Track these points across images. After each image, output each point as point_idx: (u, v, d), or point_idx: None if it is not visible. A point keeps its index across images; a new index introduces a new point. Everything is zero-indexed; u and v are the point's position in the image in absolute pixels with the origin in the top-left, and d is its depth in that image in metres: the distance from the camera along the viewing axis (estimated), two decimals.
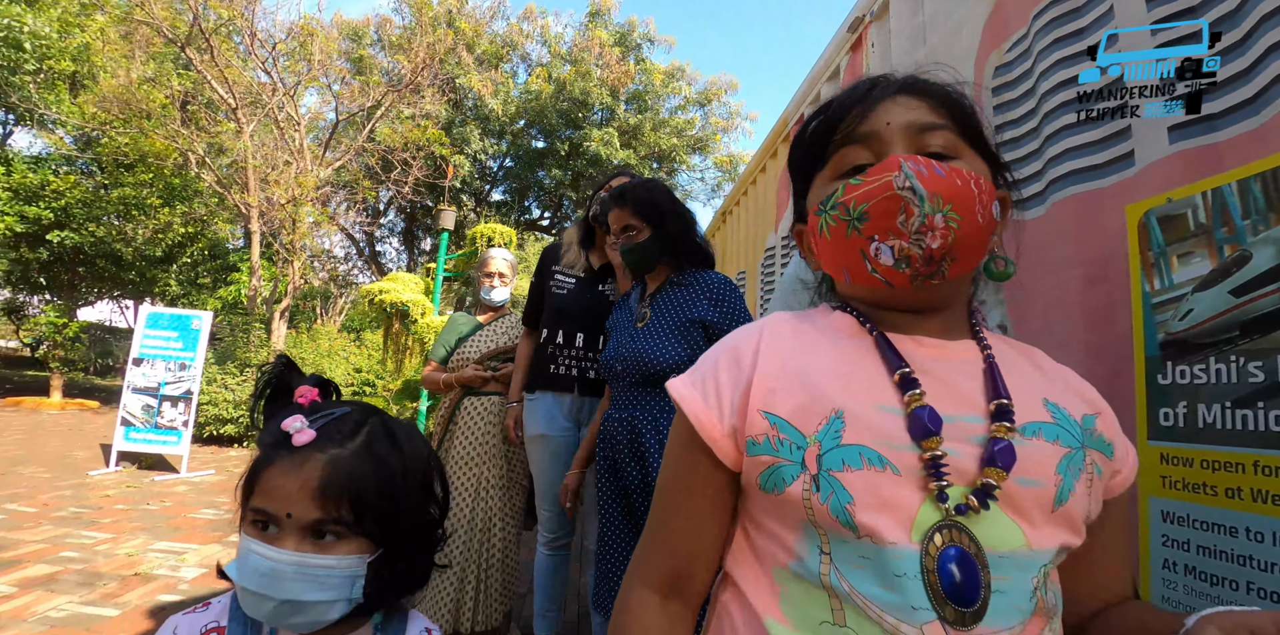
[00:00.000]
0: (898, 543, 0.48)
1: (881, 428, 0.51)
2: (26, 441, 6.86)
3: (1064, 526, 0.51)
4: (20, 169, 10.24)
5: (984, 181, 0.54)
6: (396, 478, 0.73)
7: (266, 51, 10.28)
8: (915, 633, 0.47)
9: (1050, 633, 0.51)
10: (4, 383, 13.04)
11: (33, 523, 3.85)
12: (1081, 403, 0.57)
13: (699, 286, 1.69)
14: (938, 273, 0.53)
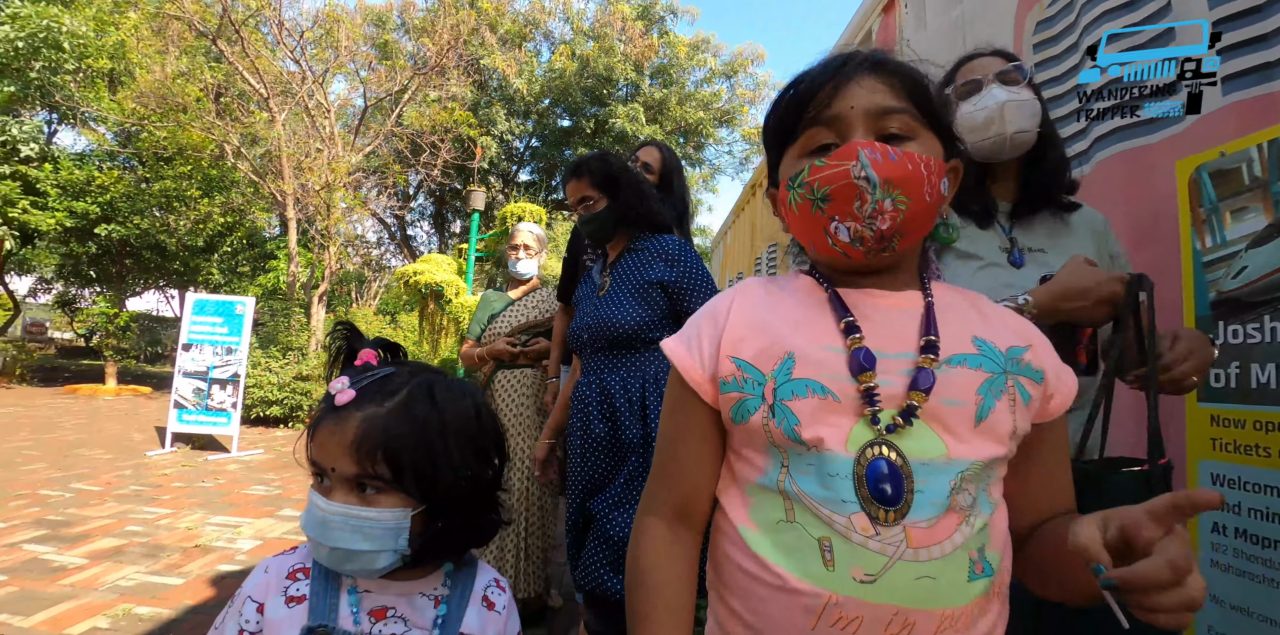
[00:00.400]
0: (835, 450, 0.60)
1: (826, 364, 0.63)
2: (87, 426, 7.19)
3: (989, 439, 0.61)
4: (67, 166, 10.57)
5: (934, 162, 0.63)
6: (434, 436, 0.75)
7: (294, 40, 10.39)
8: (845, 521, 0.58)
9: (967, 527, 0.59)
10: (62, 372, 13.64)
11: (98, 500, 4.05)
12: (1012, 336, 0.66)
13: (654, 250, 1.73)
14: (888, 247, 0.64)
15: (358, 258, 14.21)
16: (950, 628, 0.58)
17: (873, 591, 0.57)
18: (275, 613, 0.76)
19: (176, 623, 2.39)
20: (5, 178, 9.98)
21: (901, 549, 0.57)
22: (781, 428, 0.62)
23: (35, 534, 3.31)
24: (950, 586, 0.58)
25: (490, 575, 0.88)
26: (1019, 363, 0.64)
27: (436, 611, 0.80)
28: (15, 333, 18.65)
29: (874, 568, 0.57)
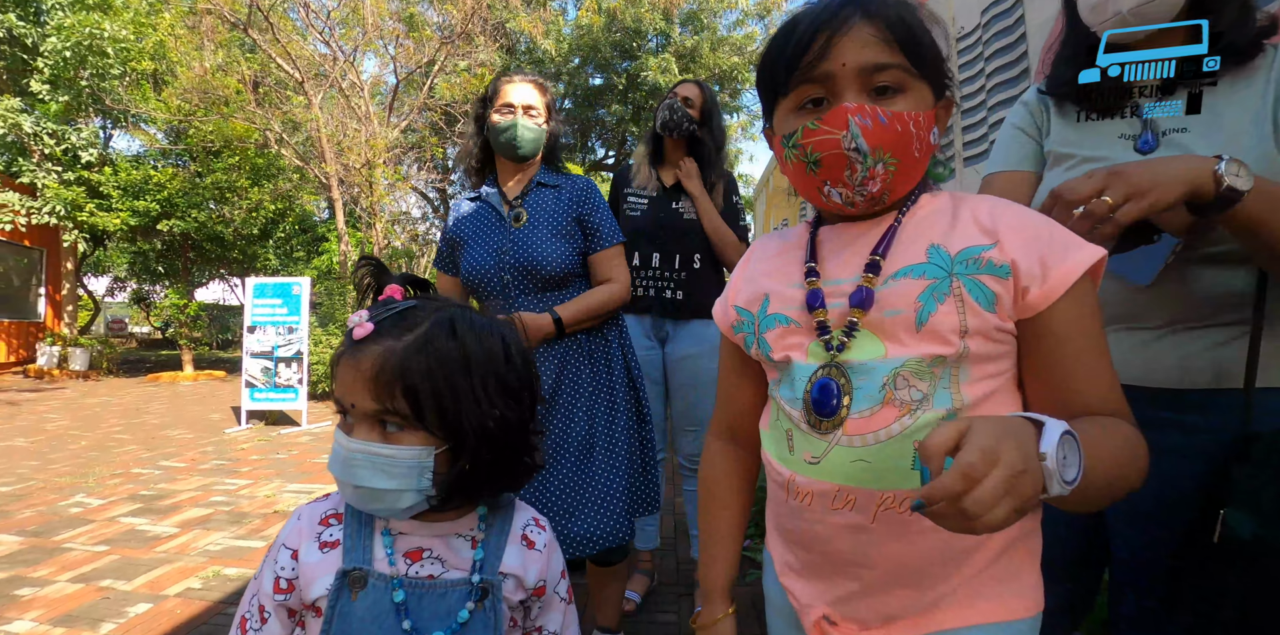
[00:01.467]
0: (798, 360, 0.71)
1: (791, 299, 0.74)
2: (170, 410, 7.63)
3: (932, 341, 0.64)
4: (125, 168, 10.99)
5: (923, 117, 0.65)
6: (455, 371, 0.71)
7: (322, 22, 10.44)
8: (796, 414, 0.71)
9: (909, 419, 0.64)
10: (144, 362, 14.49)
11: (185, 476, 4.31)
12: (976, 237, 0.66)
13: (571, 189, 1.70)
14: (880, 201, 0.69)
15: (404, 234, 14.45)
16: (893, 507, 0.65)
17: (817, 471, 0.68)
18: (309, 557, 0.76)
19: None
20: (71, 184, 10.46)
21: (839, 436, 0.67)
22: (762, 354, 0.77)
23: (131, 508, 3.54)
24: (889, 471, 0.64)
25: (529, 514, 0.87)
26: (974, 263, 0.65)
27: (474, 552, 0.78)
28: (99, 330, 19.89)
29: (818, 451, 0.68)
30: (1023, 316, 0.64)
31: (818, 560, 0.72)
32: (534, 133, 1.66)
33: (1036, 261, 0.63)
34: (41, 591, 2.42)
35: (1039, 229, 0.65)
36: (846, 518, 0.67)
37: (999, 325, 0.64)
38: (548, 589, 0.84)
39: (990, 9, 2.99)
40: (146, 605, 2.32)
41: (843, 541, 0.68)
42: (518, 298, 1.62)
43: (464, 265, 1.68)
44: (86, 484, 4.05)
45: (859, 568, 0.68)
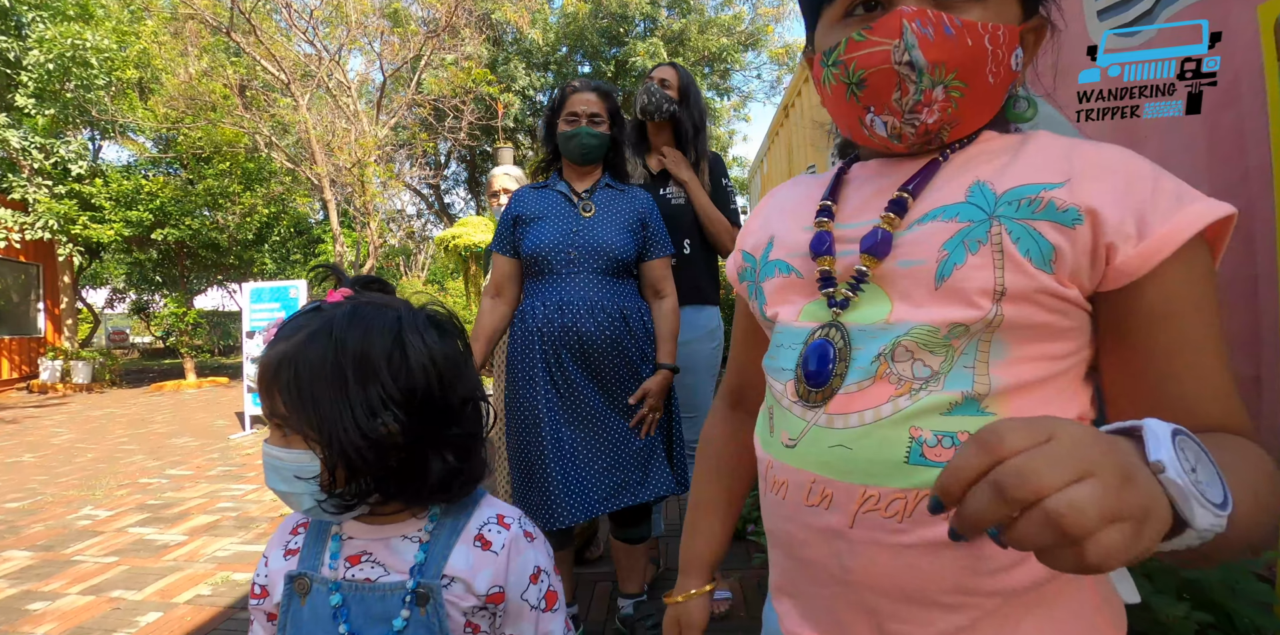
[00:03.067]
0: (788, 322, 0.61)
1: (797, 244, 0.61)
2: (175, 418, 7.65)
3: (953, 301, 0.50)
4: (115, 178, 10.93)
5: (1004, 31, 0.51)
6: (319, 377, 0.66)
7: (305, 22, 10.35)
8: (781, 387, 0.60)
9: (907, 400, 0.50)
10: (148, 372, 14.52)
11: (191, 483, 4.32)
12: (1041, 173, 0.51)
13: (634, 197, 1.87)
14: (935, 140, 0.55)
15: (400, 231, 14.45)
16: (878, 510, 0.50)
17: (793, 456, 0.56)
18: (275, 564, 0.79)
19: None
20: (62, 197, 10.43)
21: (818, 415, 0.54)
22: (758, 307, 0.66)
23: (139, 518, 3.55)
24: (874, 462, 0.51)
25: (493, 511, 0.79)
26: (1028, 204, 0.49)
27: (416, 555, 0.74)
28: (100, 342, 19.93)
29: (795, 432, 0.57)
30: (1108, 286, 0.49)
31: (796, 572, 0.58)
32: (597, 139, 1.82)
33: (1131, 212, 0.47)
34: (53, 605, 2.43)
35: (1139, 171, 0.49)
36: (821, 518, 0.54)
37: (1055, 289, 0.49)
38: (508, 595, 0.75)
39: None
40: (157, 614, 2.32)
41: (819, 548, 0.54)
42: (579, 274, 1.74)
43: (530, 240, 1.78)
44: (95, 496, 4.06)
45: (837, 585, 0.54)
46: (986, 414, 0.49)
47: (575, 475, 1.67)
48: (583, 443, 1.71)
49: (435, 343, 0.72)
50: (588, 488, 1.68)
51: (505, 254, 1.87)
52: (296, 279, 7.43)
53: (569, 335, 1.70)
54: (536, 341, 1.71)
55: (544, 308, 1.73)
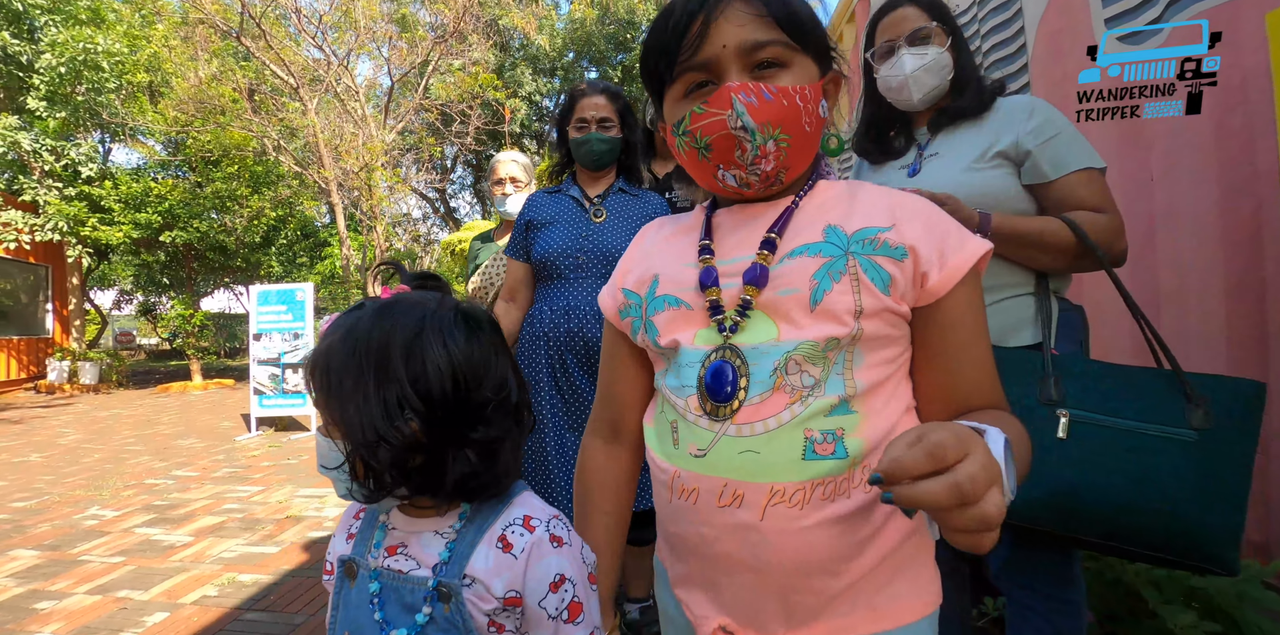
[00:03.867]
0: (685, 345, 0.68)
1: (683, 279, 0.70)
2: (181, 419, 7.67)
3: (827, 320, 0.62)
4: (125, 181, 11.01)
5: (809, 90, 0.64)
6: (343, 371, 0.68)
7: (314, 27, 10.42)
8: (683, 403, 0.66)
9: (800, 406, 0.61)
10: (154, 374, 14.60)
11: (197, 484, 4.33)
12: (873, 218, 0.65)
13: (647, 202, 1.86)
14: (776, 182, 0.67)
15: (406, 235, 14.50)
16: (783, 502, 0.60)
17: (703, 465, 0.64)
18: (337, 547, 0.82)
19: (275, 586, 2.54)
20: (72, 199, 10.50)
21: (726, 425, 0.63)
22: (649, 339, 0.72)
23: (146, 518, 3.56)
24: (778, 462, 0.60)
25: (522, 512, 0.76)
26: (870, 243, 0.63)
27: (441, 552, 0.74)
28: (107, 343, 20.01)
29: (704, 443, 0.64)
30: (921, 303, 0.64)
31: (708, 566, 0.66)
32: (608, 144, 1.82)
33: (935, 248, 0.63)
34: (60, 604, 2.43)
35: (934, 217, 0.66)
36: (734, 516, 0.62)
37: (893, 308, 0.62)
38: (525, 601, 0.73)
39: None
40: (163, 614, 2.32)
41: (731, 543, 0.63)
42: (586, 280, 1.74)
43: (540, 245, 1.79)
44: (101, 496, 4.08)
45: (751, 571, 0.63)
46: (853, 412, 0.62)
47: None
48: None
49: (458, 343, 0.71)
50: None
51: (518, 259, 1.87)
52: (303, 282, 7.43)
53: (575, 340, 1.70)
54: (542, 346, 1.72)
55: (551, 312, 1.73)
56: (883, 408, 0.63)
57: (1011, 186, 1.24)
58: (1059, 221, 1.16)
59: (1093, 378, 1.07)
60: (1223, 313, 1.81)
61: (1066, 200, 1.19)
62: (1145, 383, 1.04)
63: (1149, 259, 2.03)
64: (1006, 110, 1.28)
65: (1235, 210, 1.78)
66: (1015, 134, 1.23)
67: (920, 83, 1.31)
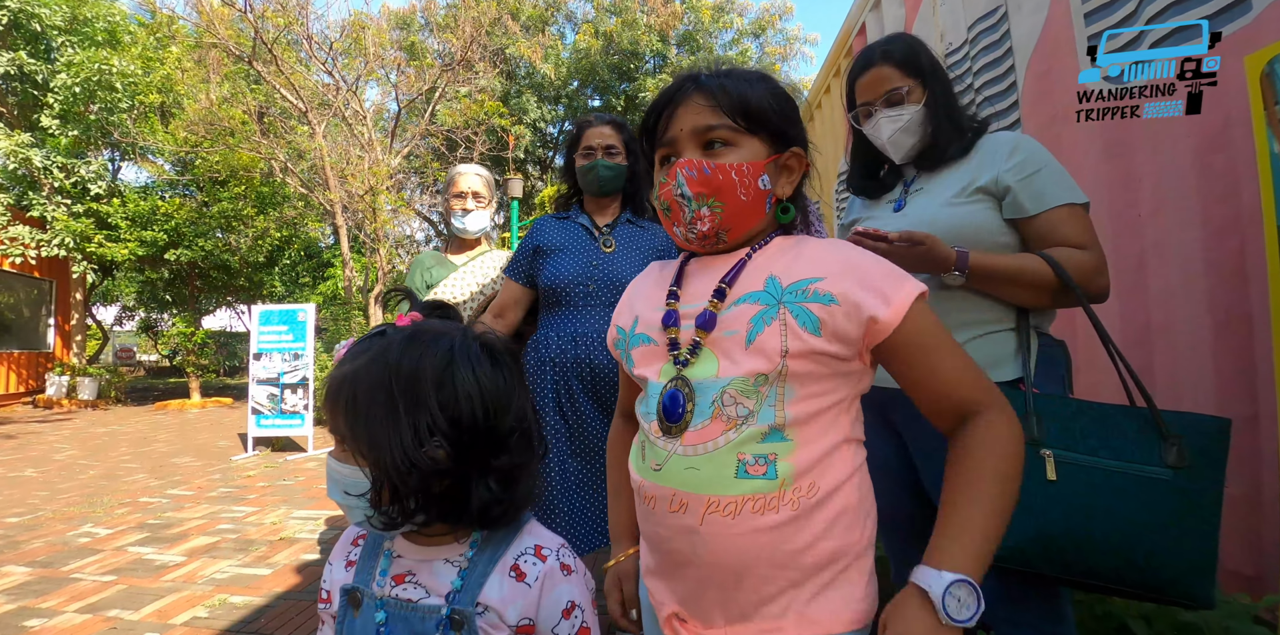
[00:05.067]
0: (651, 379, 0.81)
1: (654, 320, 0.83)
2: (178, 437, 7.64)
3: (758, 358, 0.73)
4: (133, 199, 11.14)
5: (748, 167, 0.78)
6: (371, 401, 0.69)
7: (324, 53, 10.65)
8: (648, 426, 0.80)
9: (735, 433, 0.72)
10: (153, 391, 14.56)
11: (192, 503, 4.31)
12: (809, 271, 0.76)
13: (655, 234, 1.90)
14: (718, 240, 0.81)
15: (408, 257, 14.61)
16: (718, 511, 0.72)
17: (659, 476, 0.76)
18: (335, 574, 0.83)
19: (268, 608, 2.52)
20: (80, 216, 10.61)
21: (676, 446, 0.75)
22: (630, 369, 0.86)
23: (139, 537, 3.54)
24: (714, 478, 0.72)
25: (532, 541, 0.78)
26: (802, 292, 0.75)
27: (454, 581, 0.75)
28: (107, 359, 20.00)
29: (660, 459, 0.77)
30: (880, 339, 0.73)
31: (664, 560, 0.79)
32: (613, 171, 1.84)
33: (873, 292, 0.73)
34: (50, 622, 2.42)
35: (868, 266, 0.76)
36: (680, 520, 0.74)
37: (822, 348, 0.72)
38: (539, 628, 0.75)
39: (977, 25, 3.04)
40: None
41: (680, 542, 0.75)
42: (595, 308, 1.76)
43: (549, 271, 1.80)
44: (95, 514, 4.06)
45: (693, 567, 0.75)
46: (787, 440, 0.72)
47: (580, 508, 1.68)
48: (588, 476, 1.71)
49: (486, 372, 0.74)
50: (591, 520, 1.69)
51: (517, 281, 1.89)
52: (305, 302, 7.47)
53: (582, 367, 1.72)
54: (549, 372, 1.73)
55: (559, 339, 1.75)
56: (818, 437, 0.73)
57: (991, 221, 1.25)
58: (1038, 258, 1.17)
59: (1069, 417, 1.09)
60: (1210, 348, 1.84)
61: (1048, 236, 1.20)
62: (1120, 421, 1.06)
63: (1140, 295, 2.06)
64: (990, 147, 1.30)
65: (1221, 248, 1.82)
66: (996, 170, 1.25)
67: (899, 144, 1.36)
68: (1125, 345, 2.11)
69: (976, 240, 1.24)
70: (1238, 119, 1.73)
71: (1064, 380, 1.28)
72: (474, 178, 2.28)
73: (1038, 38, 2.58)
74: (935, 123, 1.34)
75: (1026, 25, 2.65)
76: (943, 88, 1.35)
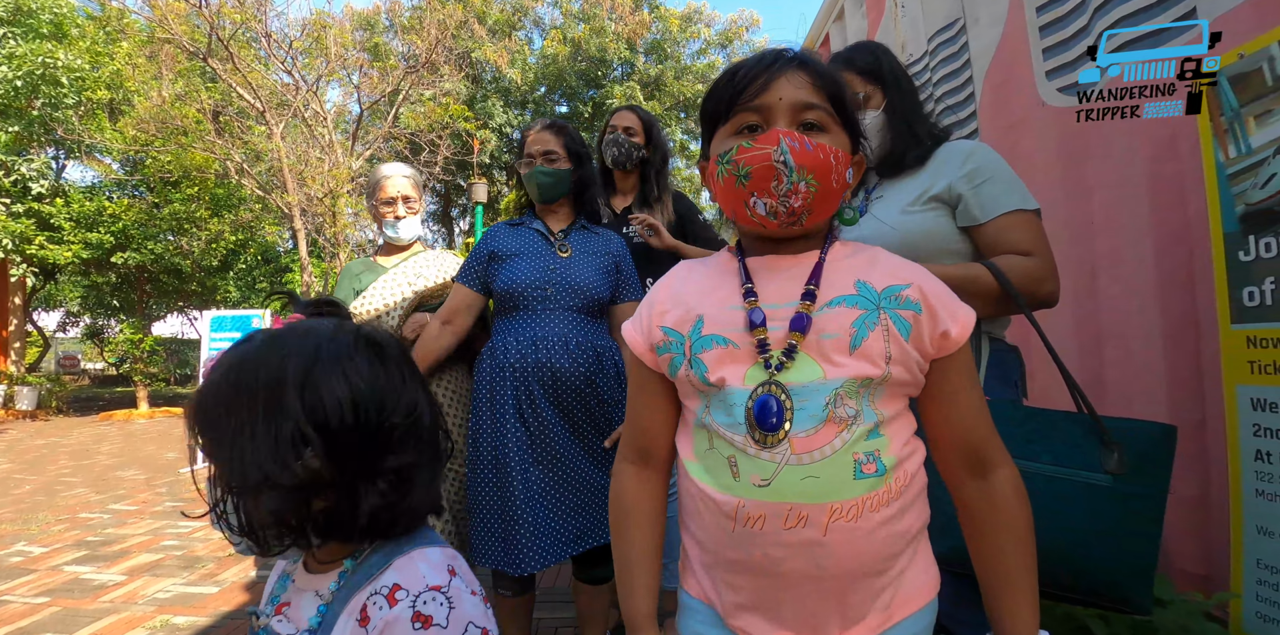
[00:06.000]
0: (734, 386, 0.74)
1: (730, 320, 0.77)
2: (123, 450, 7.33)
3: (864, 362, 0.72)
4: (78, 199, 10.72)
5: (842, 154, 0.74)
6: (211, 408, 0.63)
7: (284, 52, 10.39)
8: (741, 439, 0.72)
9: (848, 433, 0.71)
10: (97, 400, 13.97)
11: (135, 519, 4.12)
12: (893, 278, 0.76)
13: (608, 239, 1.90)
14: (798, 222, 0.75)
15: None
16: (842, 518, 0.69)
17: (768, 493, 0.70)
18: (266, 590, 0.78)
19: (213, 629, 2.40)
20: (20, 216, 10.15)
21: (786, 456, 0.70)
22: (696, 375, 0.76)
23: (76, 555, 3.36)
24: (835, 483, 0.70)
25: (393, 579, 0.64)
26: (896, 299, 0.74)
27: (312, 617, 0.66)
28: (49, 367, 19.13)
29: (767, 473, 0.71)
30: (942, 354, 0.75)
31: (771, 586, 0.73)
32: (551, 177, 1.82)
33: (946, 309, 0.75)
34: None
35: (935, 282, 0.78)
36: (800, 535, 0.70)
37: (911, 353, 0.74)
38: None
39: (936, 37, 3.10)
40: None
41: (798, 560, 0.71)
42: (553, 312, 1.75)
43: (506, 275, 1.78)
44: (29, 531, 3.84)
45: (815, 581, 0.71)
46: (882, 436, 0.73)
47: (544, 518, 1.63)
48: (551, 484, 1.67)
49: (359, 369, 0.65)
50: (555, 530, 1.64)
51: (470, 286, 1.84)
52: (261, 308, 7.26)
53: (543, 371, 1.69)
54: (508, 377, 1.69)
55: (517, 343, 1.71)
56: (901, 430, 0.75)
57: (946, 229, 1.26)
58: (982, 267, 1.18)
59: (1016, 422, 1.09)
60: (1161, 353, 1.89)
61: (998, 243, 1.21)
62: (1066, 427, 1.07)
63: (1093, 301, 2.11)
64: (945, 156, 1.31)
65: (1170, 255, 1.87)
66: (950, 178, 1.26)
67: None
68: (1079, 350, 2.15)
69: (932, 247, 1.24)
70: (1185, 130, 1.78)
71: (1017, 385, 1.29)
72: (401, 180, 2.15)
73: (995, 50, 2.64)
74: (895, 129, 1.35)
75: (984, 38, 2.71)
76: (904, 95, 1.37)
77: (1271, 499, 1.40)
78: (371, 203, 2.19)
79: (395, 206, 2.13)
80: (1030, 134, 2.41)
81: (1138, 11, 1.91)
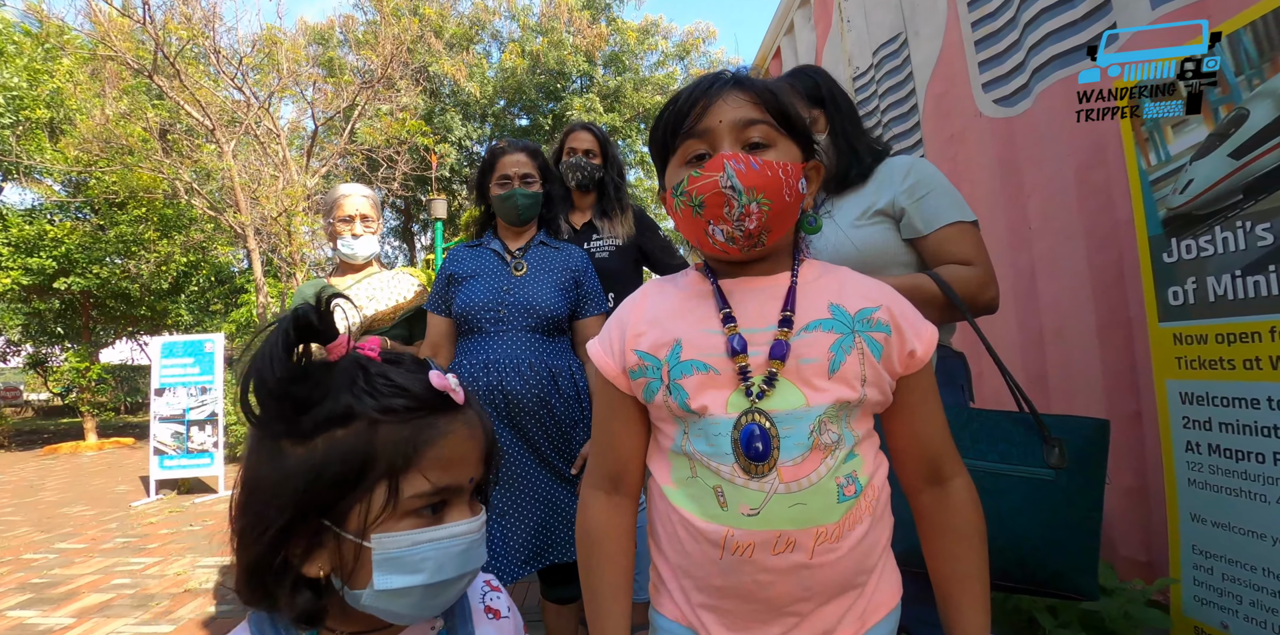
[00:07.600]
0: (716, 414, 0.73)
1: (708, 346, 0.76)
2: (69, 484, 7.01)
3: (842, 385, 0.73)
4: (16, 223, 10.28)
5: (792, 167, 0.74)
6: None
7: (234, 68, 10.17)
8: (729, 470, 0.72)
9: (832, 459, 0.73)
10: (41, 433, 13.36)
11: (83, 557, 3.94)
12: (864, 300, 0.78)
13: (569, 255, 1.88)
14: (758, 243, 0.75)
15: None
16: (826, 540, 0.71)
17: (757, 521, 0.71)
18: None
19: None
20: None
21: (775, 485, 0.71)
22: (676, 401, 0.75)
23: (20, 599, 3.19)
24: (821, 508, 0.71)
25: (480, 579, 0.78)
26: (868, 322, 0.76)
27: None
28: None
29: (756, 503, 0.71)
30: (908, 371, 0.78)
31: (759, 609, 0.75)
32: (531, 199, 1.85)
33: (911, 328, 0.77)
34: None
35: (903, 300, 0.81)
36: (787, 559, 0.71)
37: (884, 374, 0.76)
38: None
39: (880, 50, 3.20)
40: None
41: (786, 583, 0.72)
42: (507, 333, 1.73)
43: (461, 299, 1.78)
44: None
45: (802, 602, 0.73)
46: (857, 456, 0.75)
47: (504, 537, 1.63)
48: (511, 505, 1.67)
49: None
50: (516, 548, 1.64)
51: (439, 313, 1.85)
52: (216, 331, 7.05)
53: (495, 394, 1.68)
54: None
55: (470, 366, 1.71)
56: (870, 448, 0.78)
57: (892, 242, 1.32)
58: (926, 277, 1.23)
59: (962, 425, 1.13)
60: (1097, 350, 1.96)
61: (940, 254, 1.27)
62: (1008, 427, 1.12)
63: (1032, 303, 2.19)
64: (886, 172, 1.37)
65: (1102, 257, 1.96)
66: (892, 193, 1.32)
67: None
68: (1021, 350, 2.23)
69: (881, 260, 1.30)
70: (1110, 139, 1.87)
71: (964, 389, 1.34)
72: (360, 199, 2.16)
73: (935, 62, 2.73)
74: (838, 148, 1.40)
75: (925, 51, 2.80)
76: (844, 115, 1.42)
77: (1202, 487, 1.46)
78: (328, 221, 2.18)
79: (353, 224, 2.13)
80: (970, 143, 2.50)
81: (1061, 28, 2.01)
